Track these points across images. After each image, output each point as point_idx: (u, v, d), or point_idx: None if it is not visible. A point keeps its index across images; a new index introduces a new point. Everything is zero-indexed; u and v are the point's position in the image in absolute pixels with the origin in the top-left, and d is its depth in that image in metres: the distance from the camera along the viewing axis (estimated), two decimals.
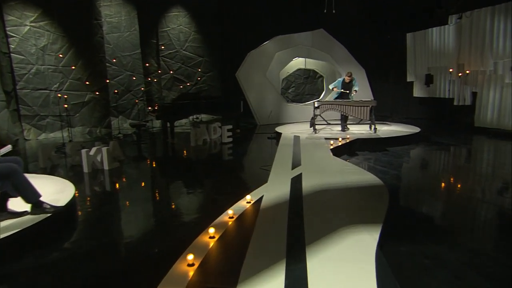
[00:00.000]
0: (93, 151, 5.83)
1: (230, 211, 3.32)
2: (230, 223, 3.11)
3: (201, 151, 7.44)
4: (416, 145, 7.30)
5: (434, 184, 4.62)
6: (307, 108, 11.13)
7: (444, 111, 10.13)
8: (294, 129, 8.99)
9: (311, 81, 15.07)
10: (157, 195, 4.66)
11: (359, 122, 8.33)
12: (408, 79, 11.16)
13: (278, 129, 9.05)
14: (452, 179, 4.94)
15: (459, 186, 4.62)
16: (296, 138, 7.59)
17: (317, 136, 7.55)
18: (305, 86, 15.04)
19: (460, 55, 9.25)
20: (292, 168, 5.01)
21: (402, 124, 9.54)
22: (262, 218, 3.17)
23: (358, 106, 7.73)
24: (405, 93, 11.61)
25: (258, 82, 10.94)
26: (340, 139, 7.04)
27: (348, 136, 7.29)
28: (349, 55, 11.27)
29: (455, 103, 9.49)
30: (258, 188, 4.12)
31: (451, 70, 9.27)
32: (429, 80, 10.32)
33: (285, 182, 4.34)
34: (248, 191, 3.98)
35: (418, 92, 10.95)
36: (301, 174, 4.68)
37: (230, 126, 8.44)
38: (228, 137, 8.22)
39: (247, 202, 3.69)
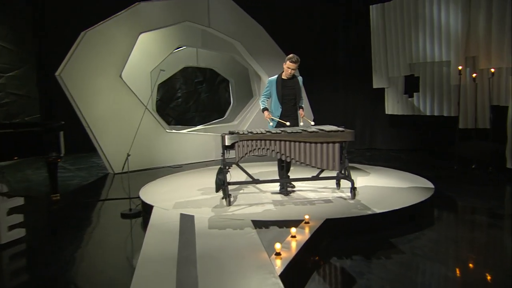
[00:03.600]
0: None
1: None
2: None
3: None
4: (444, 226, 5.36)
5: None
6: (204, 139, 9.74)
7: (442, 139, 9.41)
8: (181, 189, 6.34)
9: (210, 88, 13.97)
10: None
11: (318, 174, 5.92)
12: (375, 85, 10.12)
13: (146, 191, 6.25)
14: None
15: None
16: (186, 222, 4.77)
17: (233, 217, 4.92)
18: (198, 98, 13.88)
19: (470, 42, 7.93)
20: None
21: (379, 167, 7.84)
22: None
23: (316, 143, 5.32)
24: (369, 109, 10.95)
25: (106, 90, 8.45)
26: (292, 231, 4.20)
27: (306, 217, 4.59)
28: (272, 44, 10.25)
29: (461, 126, 8.22)
30: None
31: (461, 67, 7.79)
32: (411, 86, 9.37)
33: None
34: None
35: (392, 107, 9.93)
36: None
37: (21, 201, 4.87)
38: (12, 228, 4.68)
39: None
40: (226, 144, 5.22)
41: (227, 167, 5.39)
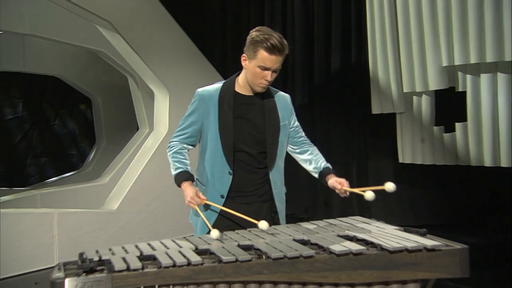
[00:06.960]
0: None
1: None
2: None
3: None
4: None
5: None
6: (38, 219, 8.38)
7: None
8: None
9: (53, 113, 14.04)
10: None
11: None
12: (375, 109, 8.81)
13: None
14: None
15: None
16: None
17: None
18: (28, 132, 13.71)
19: None
20: None
21: None
22: None
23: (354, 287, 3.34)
24: (361, 152, 10.09)
25: None
26: None
27: None
28: (177, 30, 9.62)
29: None
30: None
31: None
32: (450, 109, 8.37)
33: None
34: None
35: (410, 150, 8.56)
36: None
37: None
38: None
39: None
40: None
41: None
